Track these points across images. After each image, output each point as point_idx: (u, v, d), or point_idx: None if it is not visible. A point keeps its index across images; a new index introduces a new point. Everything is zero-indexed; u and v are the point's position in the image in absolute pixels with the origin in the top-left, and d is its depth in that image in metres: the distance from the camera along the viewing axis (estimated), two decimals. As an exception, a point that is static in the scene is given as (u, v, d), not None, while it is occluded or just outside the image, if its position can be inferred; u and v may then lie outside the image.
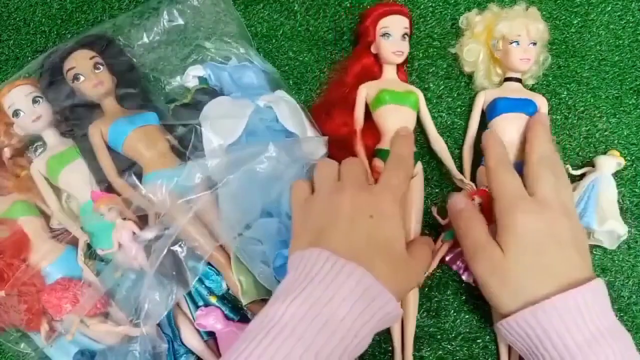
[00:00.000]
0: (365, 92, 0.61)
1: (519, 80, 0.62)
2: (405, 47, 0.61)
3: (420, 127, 0.63)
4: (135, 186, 0.54)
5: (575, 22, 0.68)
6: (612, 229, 0.58)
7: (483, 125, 0.62)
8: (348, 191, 0.44)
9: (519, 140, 0.60)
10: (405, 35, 0.61)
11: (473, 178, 0.61)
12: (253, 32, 0.66)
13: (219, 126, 0.55)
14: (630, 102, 0.66)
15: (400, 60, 0.61)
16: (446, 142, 0.62)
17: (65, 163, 0.56)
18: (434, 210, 0.60)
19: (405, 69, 0.65)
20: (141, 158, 0.55)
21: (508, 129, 0.60)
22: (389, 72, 0.62)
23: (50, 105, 0.57)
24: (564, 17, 0.68)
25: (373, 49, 0.62)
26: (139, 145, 0.54)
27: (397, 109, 0.59)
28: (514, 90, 0.62)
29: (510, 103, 0.60)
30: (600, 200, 0.59)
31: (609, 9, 0.68)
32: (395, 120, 0.59)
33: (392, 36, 0.61)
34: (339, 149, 0.59)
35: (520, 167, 0.59)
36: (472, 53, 0.64)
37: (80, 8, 0.67)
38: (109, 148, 0.56)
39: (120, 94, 0.58)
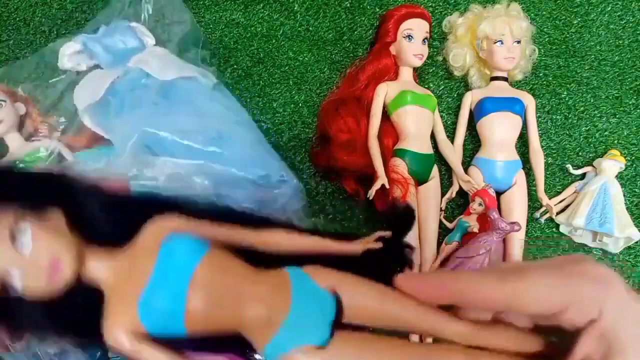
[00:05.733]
0: (385, 91, 0.61)
1: (505, 79, 0.63)
2: (425, 51, 0.61)
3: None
4: None
5: (575, 22, 0.68)
6: (630, 235, 0.58)
7: (472, 124, 0.62)
8: None
9: (508, 138, 0.60)
10: (425, 40, 0.62)
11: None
12: (253, 32, 0.66)
13: (81, 94, 0.58)
14: (630, 102, 0.66)
15: (419, 63, 0.61)
16: (446, 142, 0.62)
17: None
18: (441, 214, 0.60)
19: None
20: None
21: (496, 128, 0.60)
22: (406, 74, 0.62)
23: (14, 110, 0.57)
24: (564, 17, 0.68)
25: (392, 50, 0.62)
26: None
27: (417, 111, 0.59)
28: (500, 89, 0.62)
29: (497, 102, 0.60)
30: (615, 205, 0.59)
31: (609, 9, 0.68)
32: (415, 121, 0.59)
33: (414, 39, 0.61)
34: (348, 149, 0.59)
35: (510, 166, 0.59)
36: (458, 58, 0.64)
37: (80, 8, 0.67)
38: None
39: None
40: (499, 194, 0.60)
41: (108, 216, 0.27)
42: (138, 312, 0.23)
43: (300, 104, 0.64)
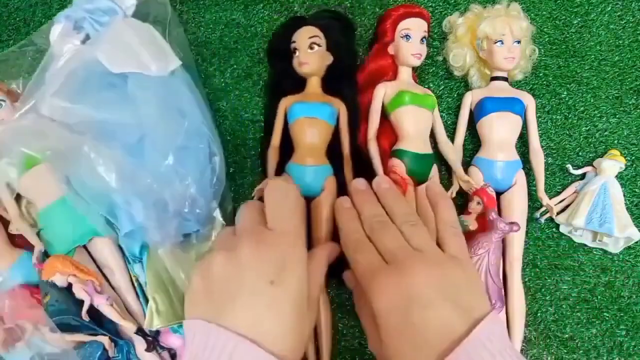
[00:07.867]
0: (383, 91, 0.60)
1: (505, 79, 0.63)
2: (423, 50, 0.61)
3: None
4: None
5: (575, 22, 0.68)
6: (630, 235, 0.58)
7: (472, 124, 0.62)
8: (244, 250, 0.39)
9: (508, 138, 0.60)
10: (424, 39, 0.61)
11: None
12: (253, 32, 0.66)
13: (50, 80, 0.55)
14: (630, 102, 0.66)
15: (418, 62, 0.61)
16: (446, 142, 0.62)
17: (24, 169, 0.54)
18: None
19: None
20: None
21: (497, 128, 0.60)
22: (405, 74, 0.62)
23: (14, 109, 0.56)
24: (564, 17, 0.68)
25: (391, 50, 0.62)
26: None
27: (415, 111, 0.59)
28: (500, 89, 0.62)
29: (497, 102, 0.60)
30: (615, 205, 0.59)
31: (609, 9, 0.68)
32: (414, 121, 0.59)
33: (412, 38, 0.60)
34: None
35: (510, 166, 0.59)
36: (458, 58, 0.63)
37: (80, 8, 0.67)
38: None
39: None
40: (498, 194, 0.60)
41: None
42: None
43: (300, 104, 0.64)
